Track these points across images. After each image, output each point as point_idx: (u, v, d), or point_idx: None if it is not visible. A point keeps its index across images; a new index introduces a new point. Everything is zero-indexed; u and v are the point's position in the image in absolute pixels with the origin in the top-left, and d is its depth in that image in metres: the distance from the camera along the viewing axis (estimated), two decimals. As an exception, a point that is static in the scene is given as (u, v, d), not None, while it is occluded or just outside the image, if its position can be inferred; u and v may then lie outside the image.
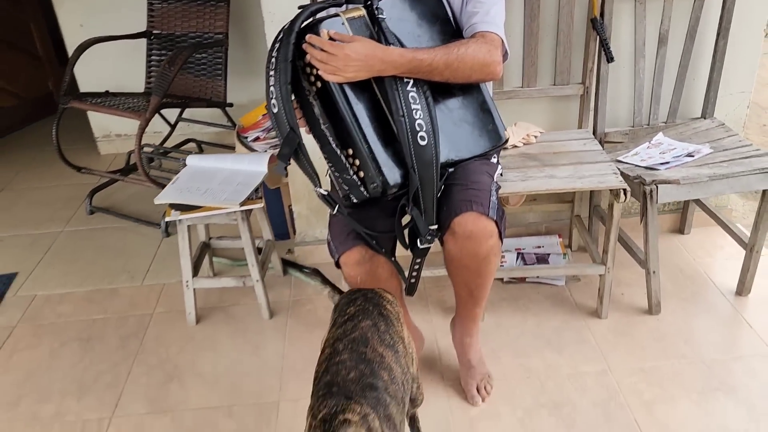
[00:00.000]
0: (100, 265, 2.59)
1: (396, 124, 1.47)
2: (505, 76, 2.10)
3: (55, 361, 2.09)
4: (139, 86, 3.13)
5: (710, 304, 2.11)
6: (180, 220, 2.02)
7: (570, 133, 2.18)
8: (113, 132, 3.56)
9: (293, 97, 1.49)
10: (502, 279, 2.30)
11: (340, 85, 1.46)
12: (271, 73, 1.46)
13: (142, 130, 2.52)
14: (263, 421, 1.79)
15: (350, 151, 1.50)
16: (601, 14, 2.03)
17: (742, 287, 2.12)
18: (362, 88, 1.49)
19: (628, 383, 1.83)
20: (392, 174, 1.49)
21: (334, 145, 1.51)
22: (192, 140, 3.45)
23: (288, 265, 2.46)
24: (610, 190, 1.87)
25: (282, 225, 2.62)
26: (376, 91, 1.50)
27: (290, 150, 1.48)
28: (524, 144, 2.11)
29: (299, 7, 1.51)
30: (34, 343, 2.17)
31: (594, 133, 2.19)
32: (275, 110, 1.46)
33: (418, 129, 1.47)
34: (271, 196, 2.52)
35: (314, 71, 1.47)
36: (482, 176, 1.61)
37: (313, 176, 1.53)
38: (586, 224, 2.38)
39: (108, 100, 2.81)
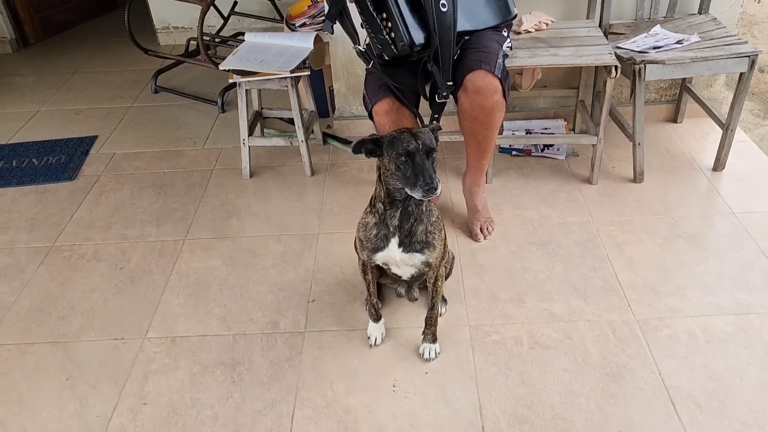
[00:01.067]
0: (167, 133, 3.02)
1: (422, -5, 1.81)
2: (523, -32, 2.39)
3: (136, 200, 2.54)
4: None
5: (687, 176, 2.45)
6: (240, 84, 2.41)
7: (578, 22, 2.47)
8: (171, 24, 3.93)
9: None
10: (510, 152, 2.66)
11: (378, -42, 1.80)
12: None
13: (203, 13, 2.88)
14: (305, 246, 2.23)
15: (384, 15, 1.85)
16: None
17: (718, 163, 2.45)
18: (396, -38, 1.82)
19: (605, 230, 2.21)
20: (417, 34, 1.84)
21: (371, 9, 1.85)
22: (243, 33, 3.78)
23: (327, 136, 2.85)
24: (605, 67, 2.19)
25: (323, 104, 3.00)
26: (407, -33, 1.83)
27: (336, 11, 1.84)
28: (536, 30, 2.42)
29: None
30: (118, 188, 2.63)
31: (600, 24, 2.48)
32: (326, -19, 1.81)
33: (439, -2, 1.80)
34: (315, 78, 2.88)
35: (358, -54, 1.81)
36: (492, 43, 1.95)
37: (354, 35, 1.89)
38: (589, 110, 2.70)
39: (173, -11, 3.16)
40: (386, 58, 1.91)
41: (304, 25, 2.86)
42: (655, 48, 2.27)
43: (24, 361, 1.83)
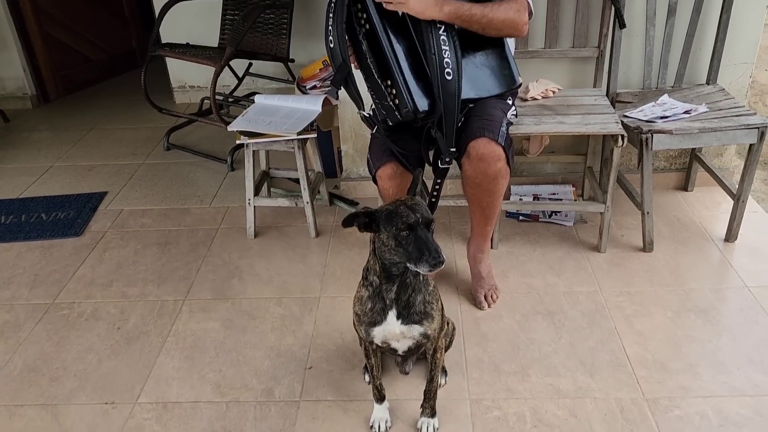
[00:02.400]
0: (175, 190, 3.04)
1: (427, 61, 1.83)
2: (529, 37, 2.42)
3: (139, 257, 2.53)
4: (214, 42, 3.57)
5: (699, 247, 2.40)
6: (247, 145, 2.43)
7: (585, 90, 2.48)
8: (188, 83, 4.02)
9: (346, 37, 1.86)
10: (517, 217, 2.63)
11: (384, 26, 1.83)
12: (330, 14, 1.83)
13: (217, 75, 2.94)
14: (306, 310, 2.19)
15: (389, 82, 1.87)
16: (617, -15, 2.33)
17: (730, 234, 2.39)
18: (401, 31, 1.85)
19: (613, 301, 2.14)
20: (421, 102, 1.85)
21: (376, 76, 1.87)
22: (256, 93, 3.85)
23: (334, 197, 2.85)
24: (611, 135, 2.18)
25: (331, 165, 3.01)
26: (413, 34, 1.86)
27: (342, 77, 1.85)
28: (543, 97, 2.43)
29: (353, -36, 1.88)
30: (122, 244, 2.63)
31: (607, 92, 2.49)
32: (331, 45, 1.84)
33: (445, 66, 1.82)
34: (323, 139, 2.91)
35: (364, 15, 1.84)
36: (496, 111, 1.95)
37: (359, 100, 1.91)
38: (597, 177, 2.68)
39: (188, 50, 3.25)
40: (390, 123, 1.92)
41: (314, 87, 2.90)
42: (662, 118, 2.26)
43: (12, 425, 1.78)
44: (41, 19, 4.02)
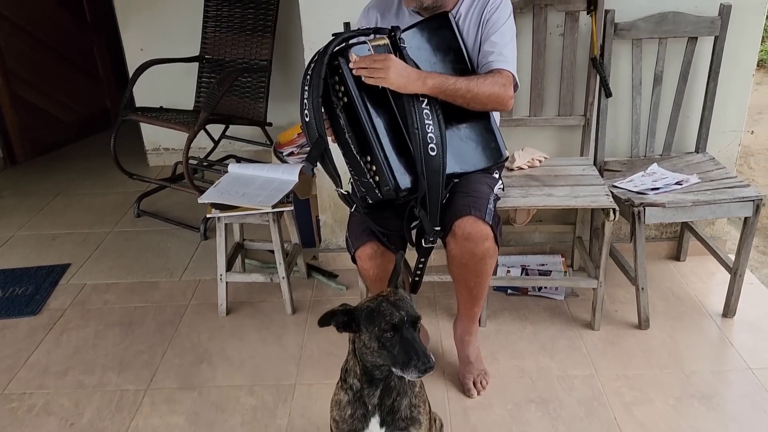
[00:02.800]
0: (143, 262, 2.87)
1: (410, 136, 1.72)
2: (514, 105, 2.32)
3: (100, 340, 2.35)
4: (189, 104, 3.47)
5: (696, 323, 2.28)
6: (219, 218, 2.29)
7: (572, 159, 2.40)
8: (162, 146, 3.90)
9: (323, 110, 1.76)
10: (506, 291, 2.50)
11: (363, 100, 1.72)
12: (306, 87, 1.73)
13: (190, 141, 2.82)
14: (280, 400, 2.01)
15: (368, 158, 1.75)
16: (601, 54, 2.27)
17: (728, 309, 2.28)
18: (381, 104, 1.75)
19: (611, 386, 2.00)
20: (403, 179, 1.74)
21: (355, 152, 1.76)
22: (232, 156, 3.75)
23: (312, 269, 2.70)
24: (602, 209, 2.08)
25: (309, 234, 2.87)
26: (393, 107, 1.76)
27: (318, 153, 1.74)
28: (529, 167, 2.34)
29: (333, 35, 1.79)
30: (82, 324, 2.44)
31: (594, 161, 2.41)
32: (307, 119, 1.73)
33: (429, 141, 1.71)
34: (300, 207, 2.77)
35: (342, 88, 1.74)
36: (482, 186, 1.84)
37: (336, 178, 1.78)
38: (587, 246, 2.57)
39: (162, 114, 3.14)
40: (370, 201, 1.80)
41: (291, 154, 2.79)
42: (653, 189, 2.17)
43: None
44: (9, 80, 3.90)
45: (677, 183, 2.20)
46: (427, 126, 1.71)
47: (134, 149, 4.00)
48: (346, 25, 2.27)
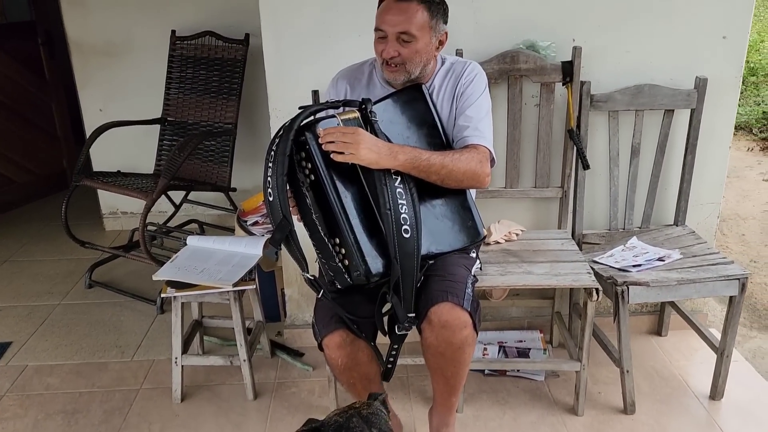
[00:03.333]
0: (93, 339, 2.65)
1: (382, 217, 1.60)
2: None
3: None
4: (149, 168, 3.31)
5: (684, 407, 2.16)
6: (175, 297, 2.11)
7: (549, 232, 2.30)
8: (120, 209, 3.71)
9: (288, 188, 1.63)
10: (483, 371, 2.35)
11: (332, 177, 1.60)
12: (270, 164, 1.60)
13: (147, 209, 2.66)
14: (238, 502, 1.81)
15: (337, 240, 1.62)
16: (578, 126, 2.21)
17: (715, 391, 2.17)
18: (351, 182, 1.63)
19: (600, 481, 1.85)
20: (375, 263, 1.61)
21: (322, 234, 1.63)
22: (195, 221, 3.58)
23: (276, 347, 2.52)
24: (584, 288, 1.97)
25: (274, 307, 2.71)
26: (364, 185, 1.64)
27: (282, 236, 1.60)
28: (506, 240, 2.23)
29: (300, 108, 1.68)
30: (20, 414, 2.21)
31: (572, 234, 2.32)
32: (271, 199, 1.60)
33: (402, 222, 1.59)
34: (265, 279, 2.62)
35: (308, 165, 1.62)
36: (459, 269, 1.72)
37: (302, 261, 1.65)
38: (566, 321, 2.46)
39: (118, 180, 2.97)
40: (339, 286, 1.66)
41: (256, 224, 2.64)
42: (635, 266, 2.08)
43: None
44: (-43, 139, 3.71)
45: (659, 259, 2.11)
46: (400, 206, 1.60)
47: (91, 211, 3.81)
48: (314, 93, 2.18)
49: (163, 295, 2.10)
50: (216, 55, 3.17)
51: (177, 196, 3.43)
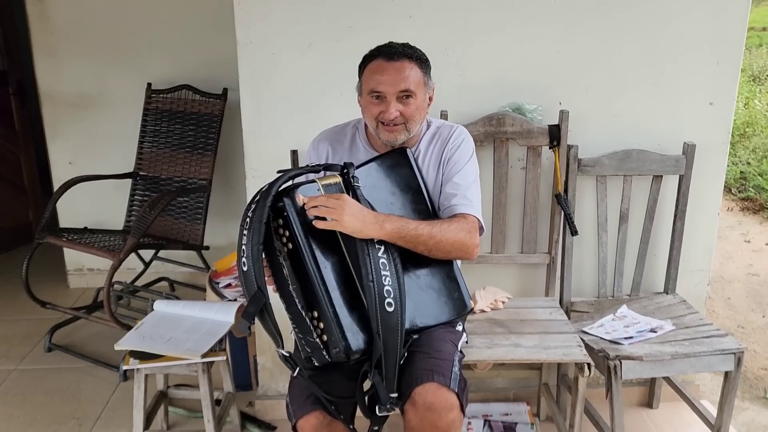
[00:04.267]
0: (48, 410, 2.46)
1: (364, 289, 1.49)
2: (474, 241, 2.17)
3: None
4: (119, 223, 3.18)
5: (680, 488, 2.04)
6: (138, 369, 1.96)
7: (537, 300, 2.21)
8: (86, 266, 3.54)
9: (264, 257, 1.52)
10: (467, 448, 2.21)
11: (311, 246, 1.50)
12: (245, 232, 1.49)
13: (113, 270, 2.52)
14: None
15: (315, 314, 1.51)
16: (565, 190, 2.14)
17: (713, 474, 2.06)
18: (331, 251, 1.53)
19: None
20: (356, 340, 1.49)
21: (299, 307, 1.51)
22: (165, 279, 3.43)
23: (247, 419, 2.36)
24: (575, 363, 1.87)
25: (245, 375, 2.55)
26: (345, 255, 1.54)
27: (255, 309, 1.48)
28: (492, 309, 2.13)
29: (278, 171, 1.58)
30: (-39, 496, 2.01)
31: (560, 301, 2.23)
32: (245, 268, 1.48)
33: (385, 295, 1.48)
34: (237, 345, 2.47)
35: (286, 233, 1.51)
36: (445, 345, 1.61)
37: (276, 337, 1.52)
38: (554, 393, 2.34)
39: (85, 237, 2.84)
40: (316, 363, 1.53)
41: (228, 286, 2.51)
42: (627, 338, 1.99)
43: None
44: None
45: (651, 330, 2.02)
46: (383, 277, 1.49)
47: (55, 267, 3.63)
48: (293, 153, 2.10)
49: (124, 367, 1.94)
50: (192, 110, 3.09)
51: (147, 252, 3.29)
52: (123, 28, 3.22)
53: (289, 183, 1.57)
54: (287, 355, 1.53)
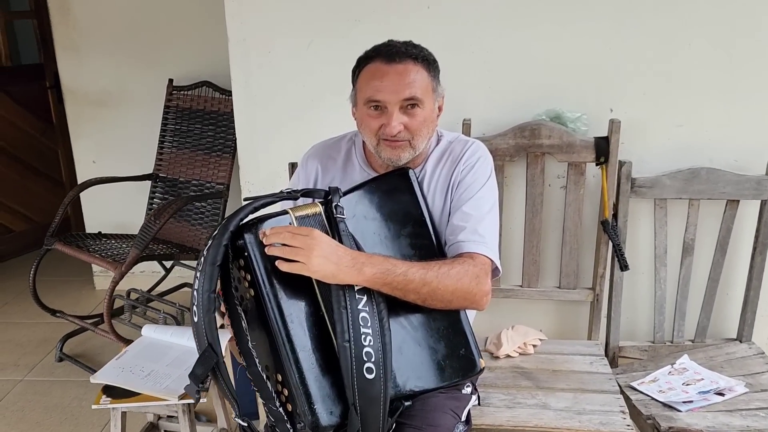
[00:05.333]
0: (45, 429, 2.32)
1: (339, 350, 1.21)
2: (503, 272, 1.84)
3: None
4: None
5: None
6: (113, 409, 1.76)
7: (576, 344, 1.86)
8: (110, 269, 3.42)
9: (220, 304, 1.26)
10: None
11: (275, 295, 1.22)
12: (198, 275, 1.24)
13: (115, 283, 2.35)
14: None
15: (279, 377, 1.24)
16: (614, 216, 1.78)
17: None
18: (302, 299, 1.25)
19: None
20: (325, 413, 1.20)
21: (260, 369, 1.25)
22: (188, 285, 3.26)
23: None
24: (616, 434, 1.52)
25: (251, 404, 2.31)
26: (321, 305, 1.25)
27: (204, 371, 1.22)
28: (520, 353, 1.80)
29: (245, 200, 1.32)
30: None
31: (606, 346, 1.87)
32: (195, 319, 1.23)
33: (365, 359, 1.19)
34: (240, 370, 2.25)
35: (248, 276, 1.24)
36: (444, 417, 1.31)
37: (234, 401, 1.26)
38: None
39: (94, 244, 2.68)
40: (280, 435, 1.26)
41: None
42: (685, 402, 1.62)
43: None
44: (-51, 186, 3.51)
45: (718, 393, 1.64)
46: (363, 337, 1.20)
47: (83, 268, 3.53)
48: (291, 165, 1.83)
49: (93, 407, 1.74)
50: (212, 108, 2.88)
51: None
52: (144, 22, 3.05)
53: (258, 213, 1.30)
54: (245, 425, 1.27)
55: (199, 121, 2.90)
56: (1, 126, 3.69)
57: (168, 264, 3.11)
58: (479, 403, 1.52)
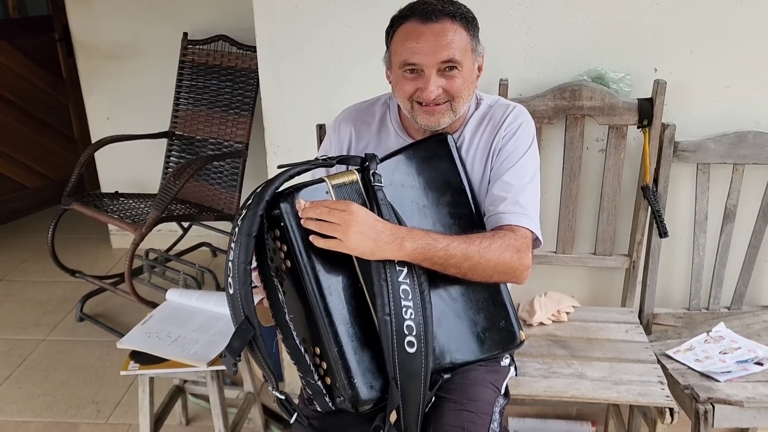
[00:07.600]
0: (69, 390, 2.33)
1: (380, 324, 1.17)
2: (536, 238, 1.79)
3: None
4: (158, 185, 2.98)
5: None
6: (140, 377, 1.75)
7: (610, 311, 1.82)
8: (127, 226, 3.39)
9: (256, 276, 1.23)
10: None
11: (313, 267, 1.18)
12: (232, 245, 1.19)
13: (135, 245, 2.31)
14: None
15: (317, 350, 1.20)
16: (655, 181, 1.71)
17: None
18: (341, 272, 1.20)
19: None
20: (366, 386, 1.18)
21: (297, 341, 1.22)
22: (206, 244, 3.24)
23: (271, 417, 2.14)
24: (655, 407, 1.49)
25: (277, 364, 2.32)
26: (359, 278, 1.21)
27: (242, 344, 1.19)
28: (553, 321, 1.77)
29: (279, 167, 1.26)
30: (-31, 487, 1.90)
31: (640, 313, 1.84)
32: (231, 291, 1.19)
33: (406, 332, 1.16)
34: (266, 331, 2.23)
35: (284, 248, 1.20)
36: (484, 391, 1.28)
37: (271, 375, 1.23)
38: (626, 417, 1.97)
39: (112, 204, 2.64)
40: (319, 409, 1.24)
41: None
42: (724, 372, 1.58)
43: None
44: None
45: (757, 363, 1.61)
46: (404, 310, 1.16)
47: (99, 226, 3.50)
48: (320, 127, 1.76)
49: (122, 373, 1.72)
50: (229, 63, 2.79)
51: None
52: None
53: (290, 185, 1.24)
54: (283, 398, 1.24)
55: (216, 77, 2.81)
56: (11, 80, 3.62)
57: (186, 224, 3.08)
58: (516, 374, 1.49)
